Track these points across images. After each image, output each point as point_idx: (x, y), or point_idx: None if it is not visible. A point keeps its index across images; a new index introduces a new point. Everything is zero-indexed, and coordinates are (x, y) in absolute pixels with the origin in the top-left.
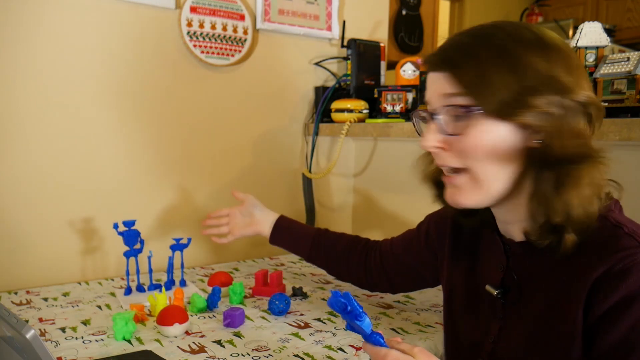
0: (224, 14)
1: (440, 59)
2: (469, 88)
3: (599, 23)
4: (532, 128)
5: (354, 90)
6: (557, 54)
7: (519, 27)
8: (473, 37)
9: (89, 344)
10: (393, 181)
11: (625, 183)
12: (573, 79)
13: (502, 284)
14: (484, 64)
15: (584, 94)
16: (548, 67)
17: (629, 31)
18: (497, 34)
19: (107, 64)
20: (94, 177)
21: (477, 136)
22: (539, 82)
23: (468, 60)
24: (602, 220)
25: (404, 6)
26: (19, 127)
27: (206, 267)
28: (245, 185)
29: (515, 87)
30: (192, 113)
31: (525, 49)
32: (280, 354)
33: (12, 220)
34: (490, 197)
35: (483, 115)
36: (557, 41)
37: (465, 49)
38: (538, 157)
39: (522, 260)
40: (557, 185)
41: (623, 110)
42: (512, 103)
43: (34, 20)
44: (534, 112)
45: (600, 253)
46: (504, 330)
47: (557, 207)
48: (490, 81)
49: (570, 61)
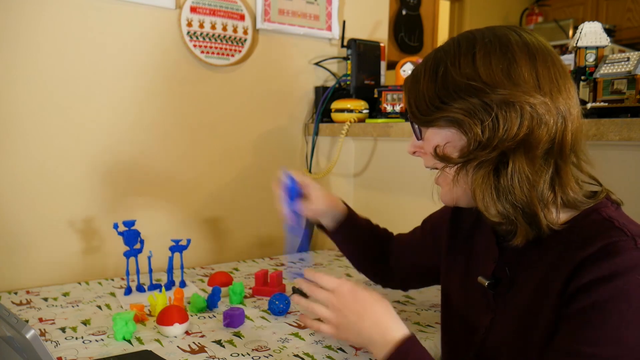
0: (224, 14)
1: (405, 82)
2: (407, 103)
3: (599, 23)
4: (460, 127)
5: (354, 90)
6: (487, 55)
7: (462, 37)
8: (424, 59)
9: (89, 344)
10: (393, 181)
11: (625, 183)
12: (498, 76)
13: (493, 276)
14: (419, 80)
15: (504, 92)
16: (471, 72)
17: (629, 31)
18: (439, 49)
19: (107, 64)
20: (94, 177)
21: (427, 142)
22: (456, 87)
23: (412, 79)
24: (594, 214)
25: (404, 6)
26: (19, 127)
27: (206, 267)
28: (245, 185)
29: (432, 94)
30: (192, 113)
31: (453, 57)
32: (280, 354)
33: (12, 220)
34: (459, 194)
35: (416, 124)
36: (493, 42)
37: (415, 70)
38: (474, 154)
39: (513, 252)
40: (482, 179)
41: (623, 110)
42: (427, 110)
43: (34, 20)
44: (446, 112)
45: (585, 243)
46: (494, 321)
47: (487, 200)
48: (417, 93)
49: (507, 58)
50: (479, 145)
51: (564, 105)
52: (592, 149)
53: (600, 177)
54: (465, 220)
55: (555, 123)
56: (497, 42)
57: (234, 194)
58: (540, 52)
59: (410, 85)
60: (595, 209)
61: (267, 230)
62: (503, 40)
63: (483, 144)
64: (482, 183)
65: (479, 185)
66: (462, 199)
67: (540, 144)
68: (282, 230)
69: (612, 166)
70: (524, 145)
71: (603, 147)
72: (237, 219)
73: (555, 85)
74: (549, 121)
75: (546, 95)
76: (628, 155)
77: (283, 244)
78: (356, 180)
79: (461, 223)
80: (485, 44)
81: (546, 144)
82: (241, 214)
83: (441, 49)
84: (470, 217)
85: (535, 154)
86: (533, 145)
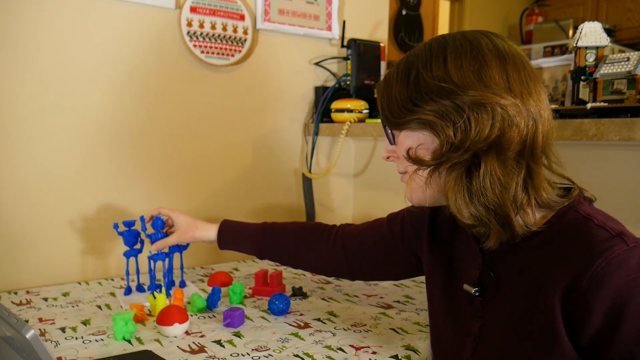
0: (224, 14)
1: (377, 87)
2: (380, 107)
3: (599, 23)
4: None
5: (354, 90)
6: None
7: (433, 41)
8: (397, 62)
9: (89, 344)
10: (393, 181)
11: (625, 183)
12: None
13: (479, 282)
14: (391, 84)
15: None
16: (442, 74)
17: (629, 31)
18: (411, 53)
19: (107, 64)
20: (94, 177)
21: (400, 145)
22: (428, 90)
23: (384, 83)
24: (573, 213)
25: (404, 6)
26: (19, 127)
27: (206, 267)
28: (246, 185)
29: (404, 98)
30: (192, 113)
31: (425, 60)
32: (280, 354)
33: (12, 220)
34: (428, 195)
35: (388, 127)
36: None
37: (387, 74)
38: (446, 156)
39: (496, 257)
40: (454, 181)
41: (623, 110)
42: (399, 113)
43: (33, 20)
44: (417, 114)
45: (571, 248)
46: (484, 328)
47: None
48: (390, 97)
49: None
50: (451, 147)
51: (535, 108)
52: (592, 149)
53: (600, 177)
54: (443, 224)
55: (526, 125)
56: (468, 46)
57: (234, 193)
58: (510, 55)
59: (383, 89)
60: (570, 206)
61: None
62: (474, 43)
63: (455, 146)
64: (455, 185)
65: (452, 187)
66: (429, 199)
67: (512, 146)
68: None
69: (612, 166)
70: (496, 146)
71: (603, 147)
72: (237, 218)
73: (525, 87)
74: (520, 123)
75: (517, 97)
76: (628, 155)
77: None
78: (356, 180)
79: (439, 228)
80: (457, 47)
81: (517, 145)
82: (241, 214)
83: (413, 53)
84: (448, 221)
85: (507, 155)
86: (504, 147)
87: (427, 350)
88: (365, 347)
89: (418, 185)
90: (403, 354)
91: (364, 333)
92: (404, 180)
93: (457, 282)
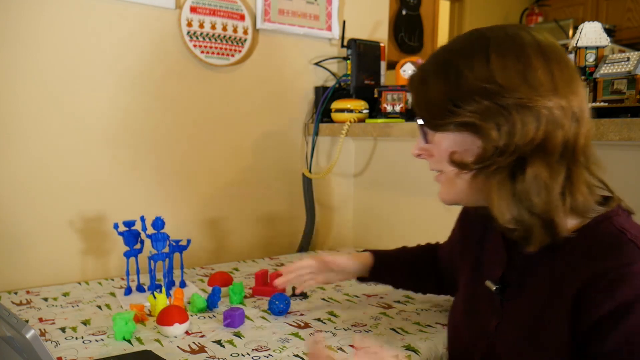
0: (224, 14)
1: (408, 80)
2: (416, 105)
3: (599, 23)
4: (475, 131)
5: (354, 90)
6: (501, 57)
7: (472, 36)
8: (431, 57)
9: (89, 344)
10: (393, 181)
11: (625, 183)
12: (515, 80)
13: (501, 280)
14: (427, 82)
15: (522, 95)
16: (486, 74)
17: (629, 31)
18: (448, 49)
19: (107, 64)
20: (94, 177)
21: (438, 145)
22: (470, 90)
23: (419, 80)
24: (606, 223)
25: (404, 6)
26: (19, 127)
27: (206, 267)
28: (245, 185)
29: (444, 97)
30: (192, 113)
31: (465, 58)
32: (280, 354)
33: (12, 220)
34: (462, 196)
35: (427, 127)
36: (507, 43)
37: (421, 69)
38: (491, 159)
39: (522, 258)
40: (499, 185)
41: (623, 110)
42: (438, 114)
43: (33, 20)
44: (460, 117)
45: (598, 255)
46: (500, 326)
47: (503, 206)
48: (427, 97)
49: (523, 62)
50: (495, 151)
51: (578, 108)
52: None
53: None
54: (474, 223)
55: (570, 126)
56: (511, 43)
57: (234, 193)
58: (553, 52)
59: (417, 86)
60: (607, 216)
61: (267, 230)
62: (517, 41)
63: (500, 149)
64: (499, 189)
65: (495, 191)
66: (465, 201)
67: (557, 148)
68: (282, 229)
69: (612, 166)
70: (541, 149)
71: (603, 147)
72: (237, 219)
73: (569, 87)
74: (565, 124)
75: (562, 97)
76: (628, 155)
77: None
78: (356, 180)
79: (472, 226)
80: (499, 44)
81: (561, 147)
82: (241, 214)
83: (449, 49)
84: (479, 220)
85: (553, 158)
86: (549, 150)
87: (427, 350)
88: (365, 347)
89: (457, 188)
90: (403, 354)
91: (364, 333)
92: (439, 180)
93: (480, 280)
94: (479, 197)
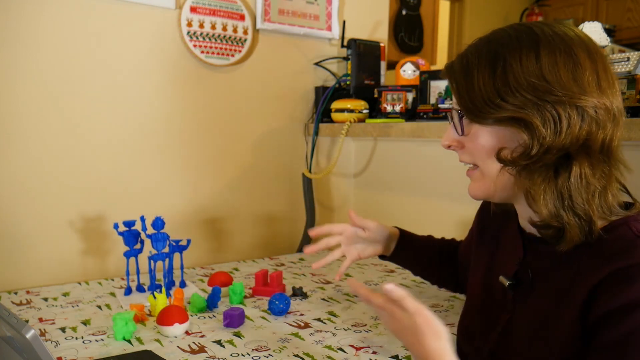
0: (224, 14)
1: (447, 68)
2: (457, 95)
3: (599, 23)
4: (521, 127)
5: (354, 90)
6: (551, 54)
7: (520, 30)
8: (473, 47)
9: (89, 344)
10: (393, 181)
11: (625, 183)
12: (564, 78)
13: (515, 277)
14: (472, 72)
15: (570, 94)
16: (535, 70)
17: (629, 31)
18: (493, 40)
19: (107, 64)
20: (94, 178)
21: (476, 137)
22: (519, 85)
23: (462, 69)
24: (623, 228)
25: (404, 6)
26: (19, 127)
27: (206, 267)
28: (245, 185)
29: (490, 90)
30: (192, 113)
31: (514, 52)
32: (280, 354)
33: (12, 220)
34: (498, 191)
35: (469, 119)
36: (556, 40)
37: (464, 58)
38: (537, 156)
39: (538, 256)
40: (542, 182)
41: None
42: (483, 106)
43: (33, 20)
44: (507, 111)
45: (612, 256)
46: (510, 322)
47: (545, 203)
48: (471, 88)
49: (573, 60)
50: (542, 147)
51: (617, 109)
52: None
53: None
54: (493, 217)
55: (610, 127)
56: (561, 42)
57: (234, 193)
58: (598, 53)
59: (461, 76)
60: (625, 221)
61: (267, 230)
62: (566, 40)
63: (547, 146)
64: (543, 186)
65: (539, 188)
66: (495, 196)
67: (598, 147)
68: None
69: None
70: (585, 148)
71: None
72: (237, 219)
73: (612, 87)
74: (607, 125)
75: (607, 98)
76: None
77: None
78: (356, 180)
79: (489, 220)
80: (549, 42)
81: (600, 147)
82: (241, 214)
83: (494, 40)
84: (498, 215)
85: (595, 157)
86: (592, 149)
87: None
88: (365, 347)
89: (494, 183)
90: (403, 354)
91: (364, 333)
92: (472, 175)
93: (494, 274)
94: (511, 193)
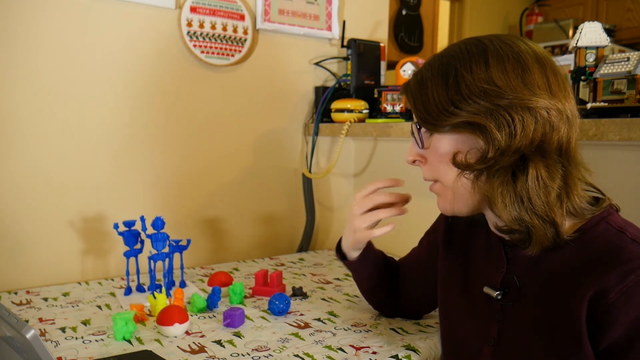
0: (224, 14)
1: (403, 86)
2: (414, 108)
3: (599, 23)
4: (475, 131)
5: (354, 90)
6: (500, 61)
7: (470, 43)
8: (427, 63)
9: (89, 344)
10: None
11: (625, 183)
12: (514, 82)
13: (501, 286)
14: (426, 85)
15: (521, 97)
16: (485, 77)
17: (629, 31)
18: (445, 54)
19: (107, 64)
20: (94, 178)
21: (436, 148)
22: (470, 92)
23: (416, 84)
24: (604, 225)
25: (404, 6)
26: (19, 127)
27: (206, 267)
28: (245, 186)
29: (444, 99)
30: (191, 113)
31: (464, 62)
32: (280, 354)
33: (12, 220)
34: (465, 202)
35: (426, 129)
36: (504, 49)
37: (418, 74)
38: (494, 159)
39: (521, 262)
40: (500, 185)
41: (623, 110)
42: (438, 115)
43: (33, 20)
44: (462, 117)
45: (604, 260)
46: (503, 332)
47: (504, 206)
48: (426, 99)
49: (521, 66)
50: (497, 150)
51: (570, 111)
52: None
53: (600, 177)
54: (459, 227)
55: (564, 128)
56: (509, 50)
57: (234, 193)
58: (547, 60)
59: (416, 90)
60: (602, 217)
61: (267, 230)
62: (514, 48)
63: (502, 149)
64: (501, 189)
65: (498, 191)
66: (463, 208)
67: (554, 149)
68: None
69: (612, 166)
70: (540, 150)
71: (603, 147)
72: (237, 219)
73: (563, 91)
74: (561, 127)
75: (558, 100)
76: (628, 155)
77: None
78: (356, 180)
79: (455, 231)
80: (497, 50)
81: (557, 149)
82: (241, 214)
83: (446, 54)
84: (463, 224)
85: (550, 159)
86: (547, 151)
87: (427, 350)
88: (365, 347)
89: (455, 194)
90: (403, 354)
91: (364, 333)
92: (435, 189)
93: (475, 285)
94: (477, 202)
